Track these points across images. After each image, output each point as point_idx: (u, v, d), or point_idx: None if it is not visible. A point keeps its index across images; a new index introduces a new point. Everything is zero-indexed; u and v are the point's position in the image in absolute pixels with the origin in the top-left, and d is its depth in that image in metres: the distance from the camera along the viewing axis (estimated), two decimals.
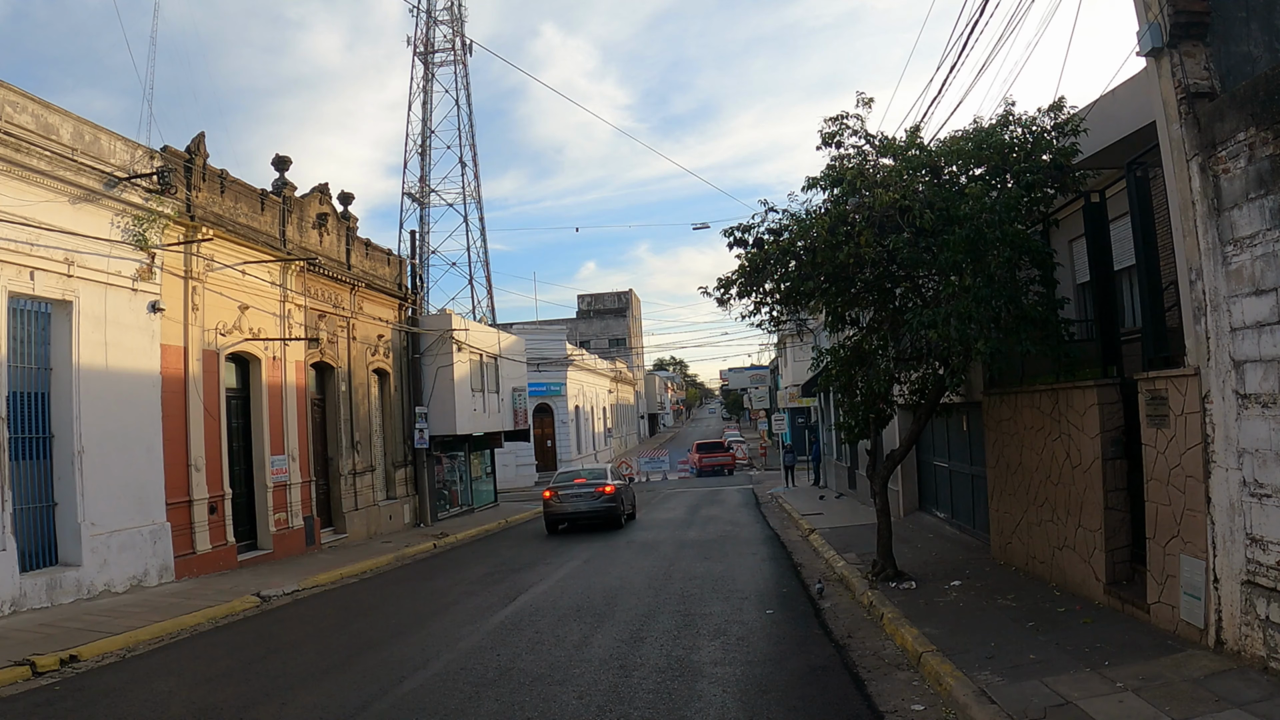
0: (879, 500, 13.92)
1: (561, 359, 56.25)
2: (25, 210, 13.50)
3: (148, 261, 16.20)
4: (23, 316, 13.96)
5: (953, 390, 13.88)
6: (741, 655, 9.83)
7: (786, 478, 39.36)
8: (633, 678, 9.05)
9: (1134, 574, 10.40)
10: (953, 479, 18.75)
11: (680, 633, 11.06)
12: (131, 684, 9.68)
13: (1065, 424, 11.49)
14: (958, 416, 16.77)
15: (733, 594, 13.68)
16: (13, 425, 13.45)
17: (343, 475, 24.02)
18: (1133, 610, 9.75)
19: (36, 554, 13.83)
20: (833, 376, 14.45)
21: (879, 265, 12.16)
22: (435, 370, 29.58)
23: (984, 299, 10.79)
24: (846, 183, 12.16)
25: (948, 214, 11.13)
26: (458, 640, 11.22)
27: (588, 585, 15.11)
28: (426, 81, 60.89)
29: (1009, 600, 11.24)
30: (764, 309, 13.77)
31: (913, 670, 9.00)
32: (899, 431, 20.30)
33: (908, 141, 12.78)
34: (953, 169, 12.05)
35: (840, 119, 13.05)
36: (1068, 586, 11.48)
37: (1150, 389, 9.23)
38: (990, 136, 11.88)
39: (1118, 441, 10.54)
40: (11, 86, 13.52)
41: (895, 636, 10.21)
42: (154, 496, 16.16)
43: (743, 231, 13.20)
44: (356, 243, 26.25)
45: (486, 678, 9.31)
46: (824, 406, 38.04)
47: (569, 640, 10.87)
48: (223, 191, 19.00)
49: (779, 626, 11.39)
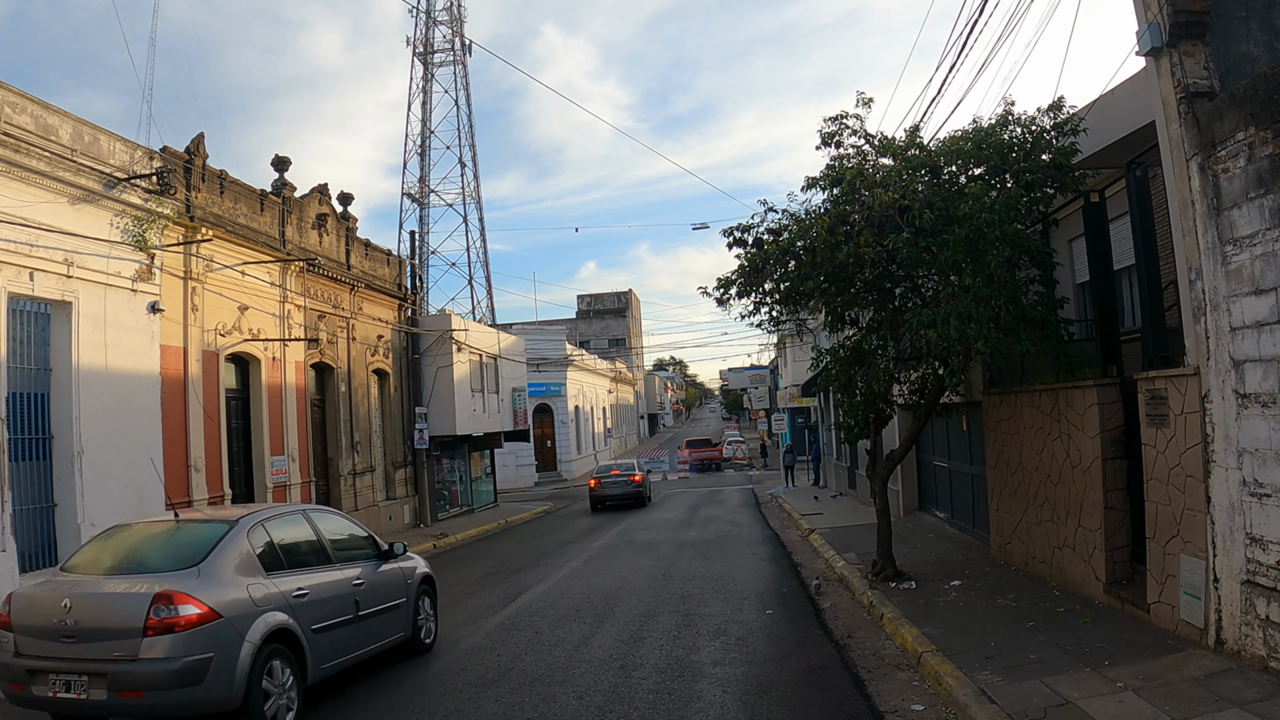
0: (879, 500, 13.92)
1: (561, 359, 56.23)
2: (25, 211, 13.48)
3: (147, 262, 16.19)
4: (22, 317, 13.94)
5: (952, 390, 13.87)
6: (741, 655, 9.84)
7: (786, 478, 39.34)
8: (632, 678, 9.06)
9: (1134, 574, 10.39)
10: (953, 479, 18.72)
11: (680, 633, 11.07)
12: None
13: (1065, 423, 11.48)
14: (957, 416, 16.76)
15: (732, 594, 13.68)
16: (12, 426, 13.42)
17: (342, 476, 24.02)
18: (1133, 610, 9.74)
19: (36, 555, 13.80)
20: (832, 376, 14.44)
21: (878, 265, 12.15)
22: (435, 371, 29.58)
23: (984, 298, 10.79)
24: (846, 183, 12.15)
25: (947, 214, 11.13)
26: (457, 640, 11.23)
27: (587, 585, 15.12)
28: (426, 82, 60.83)
29: (1009, 600, 11.24)
30: (763, 309, 13.77)
31: (913, 670, 9.00)
32: (899, 431, 20.28)
33: (907, 141, 12.77)
34: (952, 169, 12.05)
35: (839, 119, 13.04)
36: (1068, 586, 11.47)
37: (1150, 388, 9.22)
38: (990, 136, 11.88)
39: (1118, 441, 10.52)
40: (11, 87, 13.51)
41: (895, 636, 10.21)
42: (154, 497, 16.11)
43: (742, 231, 13.20)
44: (356, 243, 26.25)
45: (486, 678, 9.32)
46: (824, 406, 38.03)
47: (569, 640, 10.88)
48: (222, 192, 19.00)
49: (779, 626, 11.40)
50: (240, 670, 7.42)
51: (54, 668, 7.21)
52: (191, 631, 7.17)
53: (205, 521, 8.61)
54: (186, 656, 7.10)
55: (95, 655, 7.14)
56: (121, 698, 7.08)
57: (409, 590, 10.49)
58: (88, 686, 7.11)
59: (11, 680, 7.44)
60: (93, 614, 7.27)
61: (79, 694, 7.13)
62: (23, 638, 7.45)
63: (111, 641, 7.14)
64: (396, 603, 10.14)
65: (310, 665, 8.33)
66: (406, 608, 10.38)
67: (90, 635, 7.19)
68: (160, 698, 7.06)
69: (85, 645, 7.19)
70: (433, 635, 11.05)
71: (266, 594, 7.99)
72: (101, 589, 7.53)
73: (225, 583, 7.68)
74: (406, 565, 10.68)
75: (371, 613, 9.53)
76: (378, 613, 9.68)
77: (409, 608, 10.44)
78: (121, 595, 7.37)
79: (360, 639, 9.30)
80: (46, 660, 7.27)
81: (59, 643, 7.25)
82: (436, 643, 11.06)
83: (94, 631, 7.20)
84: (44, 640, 7.34)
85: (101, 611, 7.29)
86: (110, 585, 7.58)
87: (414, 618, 10.55)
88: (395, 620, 10.12)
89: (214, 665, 7.24)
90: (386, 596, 9.95)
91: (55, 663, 7.23)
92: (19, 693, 7.44)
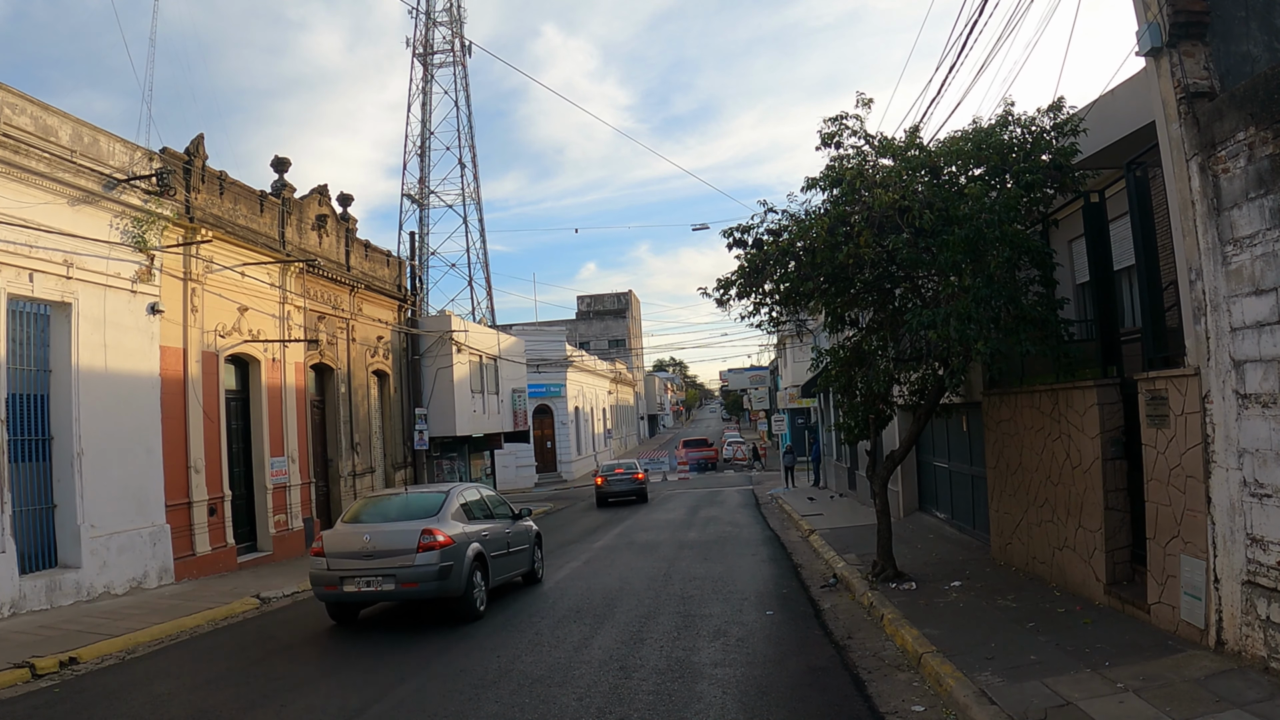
0: (879, 501, 13.90)
1: (561, 360, 56.21)
2: (24, 212, 13.49)
3: (147, 263, 16.19)
4: (22, 318, 13.96)
5: (952, 391, 13.86)
6: (741, 656, 9.82)
7: (786, 478, 39.29)
8: (632, 679, 9.03)
9: (1134, 574, 10.38)
10: (953, 479, 18.69)
11: (680, 634, 11.05)
12: (131, 686, 9.67)
13: (1065, 424, 11.47)
14: (957, 417, 16.75)
15: (733, 595, 13.67)
16: (12, 427, 13.44)
17: (342, 476, 24.01)
18: (1133, 610, 9.73)
19: (36, 556, 13.82)
20: (832, 377, 14.43)
21: (878, 266, 12.15)
22: (435, 371, 29.59)
23: (983, 299, 10.78)
24: (846, 183, 12.14)
25: (947, 214, 11.12)
26: (456, 641, 11.22)
27: (588, 586, 15.11)
28: (426, 83, 60.71)
29: (1009, 601, 11.23)
30: (763, 310, 13.75)
31: (913, 671, 8.98)
32: (898, 432, 20.27)
33: (907, 142, 12.75)
34: (952, 169, 12.04)
35: (839, 119, 13.04)
36: (1068, 587, 11.46)
37: (1150, 389, 9.22)
38: (989, 137, 11.87)
39: (1118, 442, 10.51)
40: (10, 88, 13.51)
41: (895, 637, 10.19)
42: (154, 498, 16.15)
43: (742, 232, 13.19)
44: (356, 244, 26.25)
45: (486, 679, 9.29)
46: (823, 407, 38.01)
47: (569, 641, 10.86)
48: (222, 193, 19.00)
49: (779, 627, 11.38)
50: (464, 573, 12.38)
51: (358, 574, 12.15)
52: (442, 549, 12.14)
53: (426, 491, 14.22)
54: (441, 563, 12.05)
55: (386, 566, 12.04)
56: (403, 588, 12.08)
57: (530, 540, 15.67)
58: (380, 583, 12.10)
59: (326, 584, 12.39)
60: (384, 542, 12.23)
61: (375, 588, 12.14)
62: (333, 559, 12.36)
63: (397, 556, 12.06)
64: (524, 547, 15.30)
65: (490, 576, 13.34)
66: (530, 551, 15.60)
67: (382, 554, 12.11)
68: (426, 587, 12.07)
69: (379, 560, 12.11)
70: (541, 573, 16.09)
71: (469, 532, 13.01)
72: (387, 529, 12.49)
73: (451, 524, 12.73)
74: (528, 524, 15.79)
75: (514, 551, 14.65)
76: (516, 552, 14.78)
77: (531, 552, 15.64)
78: (401, 531, 12.36)
79: (509, 566, 14.48)
80: (352, 571, 12.18)
81: (361, 560, 12.19)
82: (436, 642, 11.23)
83: (385, 552, 12.12)
84: (349, 559, 12.25)
85: (390, 540, 12.23)
86: (390, 527, 12.55)
87: (532, 559, 15.69)
88: (523, 558, 15.26)
89: (453, 569, 12.19)
90: (520, 542, 15.08)
91: (358, 572, 12.15)
92: (331, 592, 12.41)
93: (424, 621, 12.59)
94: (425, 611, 13.08)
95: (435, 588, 12.05)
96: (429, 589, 12.05)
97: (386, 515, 13.00)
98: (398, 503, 13.41)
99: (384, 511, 13.19)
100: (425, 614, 12.99)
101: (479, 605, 12.64)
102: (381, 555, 12.09)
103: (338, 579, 12.22)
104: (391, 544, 12.18)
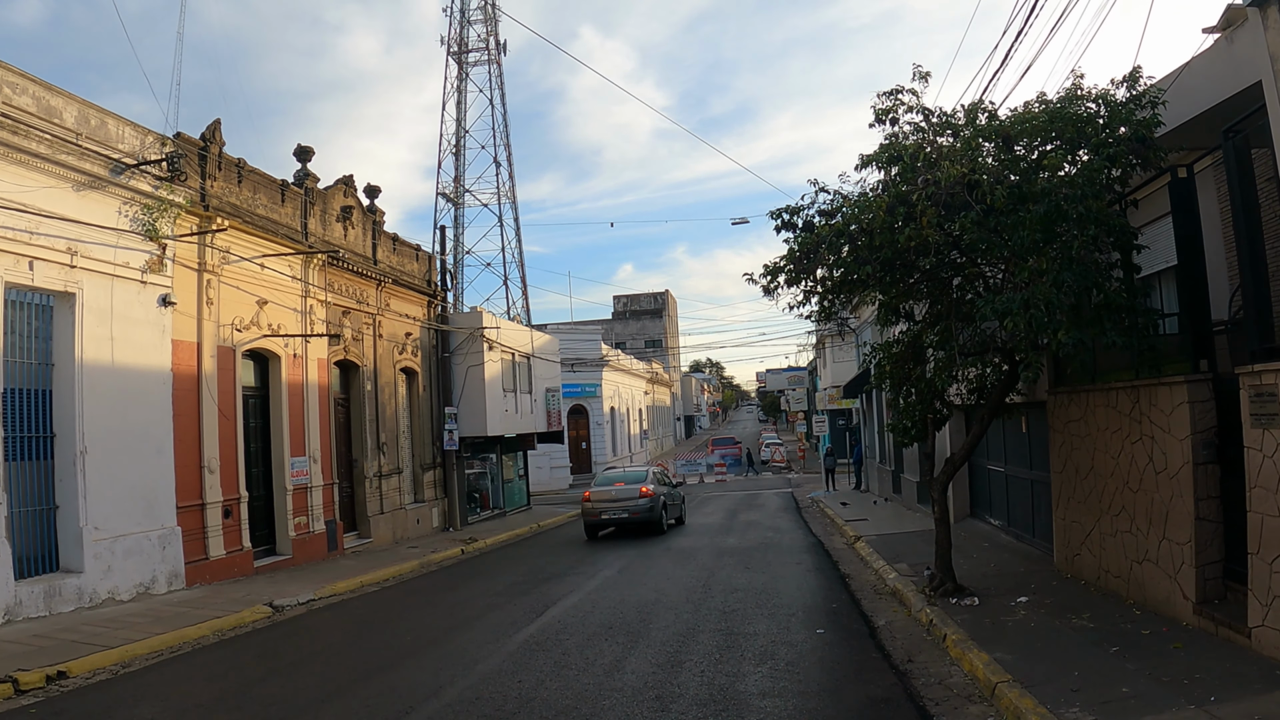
0: (937, 508, 12.81)
1: (596, 360, 55.38)
2: (25, 196, 12.74)
3: (158, 252, 15.41)
4: (22, 309, 13.21)
5: (1017, 389, 12.75)
6: (792, 684, 8.75)
7: (826, 481, 38.26)
8: (670, 712, 7.99)
9: (1227, 592, 9.37)
10: (1009, 484, 17.70)
11: (722, 656, 10.00)
12: (113, 708, 8.80)
13: (1148, 425, 10.41)
14: (1017, 417, 15.62)
15: (778, 609, 12.62)
16: (10, 424, 12.70)
17: (368, 477, 23.17)
18: (1229, 634, 8.72)
19: (35, 559, 13.07)
20: (886, 374, 13.37)
21: (941, 251, 11.03)
22: (465, 370, 28.75)
23: (1063, 284, 9.64)
24: (905, 160, 11.04)
25: (1020, 191, 10.01)
26: (476, 662, 10.22)
27: (621, 598, 14.09)
28: (460, 81, 60.01)
29: (1084, 620, 10.14)
30: (813, 299, 12.65)
31: (986, 703, 7.94)
32: (949, 434, 19.21)
33: (968, 117, 11.67)
34: (1023, 143, 10.91)
35: (894, 94, 11.95)
36: (1148, 605, 10.41)
37: (1255, 384, 8.17)
38: (1061, 111, 10.75)
39: (1210, 444, 9.52)
40: (10, 66, 12.77)
41: (962, 662, 9.13)
42: (164, 499, 15.36)
43: (790, 214, 12.09)
44: (383, 237, 25.44)
45: (504, 709, 8.29)
46: (865, 408, 36.85)
47: (599, 664, 9.84)
48: (240, 181, 18.21)
49: (831, 648, 10.30)
50: (659, 509, 24.14)
51: (610, 510, 23.87)
52: (651, 498, 23.88)
53: (637, 469, 27.72)
54: (651, 503, 23.82)
55: (625, 507, 23.73)
56: (631, 516, 23.68)
57: (681, 499, 28.12)
58: (620, 513, 23.76)
59: (590, 515, 24.04)
60: (623, 494, 24.01)
61: (620, 515, 23.75)
62: (595, 503, 24.10)
63: (630, 501, 23.78)
64: (680, 502, 27.58)
65: (668, 514, 25.19)
66: (683, 505, 28.16)
67: (623, 498, 23.89)
68: (643, 515, 23.71)
69: (620, 503, 23.81)
70: (685, 519, 27.51)
71: (659, 490, 24.66)
72: (623, 486, 24.36)
73: (652, 484, 24.50)
74: (681, 491, 30.09)
75: (675, 503, 26.64)
76: (677, 503, 27.03)
77: (682, 506, 28.04)
78: (630, 488, 24.13)
79: (674, 512, 26.21)
80: (608, 508, 23.88)
81: (611, 503, 23.92)
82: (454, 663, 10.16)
83: (624, 498, 23.88)
84: (604, 503, 23.98)
85: (626, 492, 24.02)
86: (624, 487, 24.27)
87: (682, 510, 27.70)
88: (678, 510, 27.09)
89: (654, 506, 23.91)
90: (678, 500, 27.27)
91: (610, 509, 23.86)
92: (594, 520, 23.97)
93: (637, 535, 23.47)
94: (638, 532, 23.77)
95: (645, 517, 23.40)
96: (643, 517, 23.42)
97: (620, 482, 24.58)
98: (623, 474, 25.58)
99: (614, 479, 25.08)
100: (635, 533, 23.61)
101: (664, 526, 24.29)
102: (622, 498, 23.64)
103: (598, 511, 23.75)
104: (626, 495, 23.70)
